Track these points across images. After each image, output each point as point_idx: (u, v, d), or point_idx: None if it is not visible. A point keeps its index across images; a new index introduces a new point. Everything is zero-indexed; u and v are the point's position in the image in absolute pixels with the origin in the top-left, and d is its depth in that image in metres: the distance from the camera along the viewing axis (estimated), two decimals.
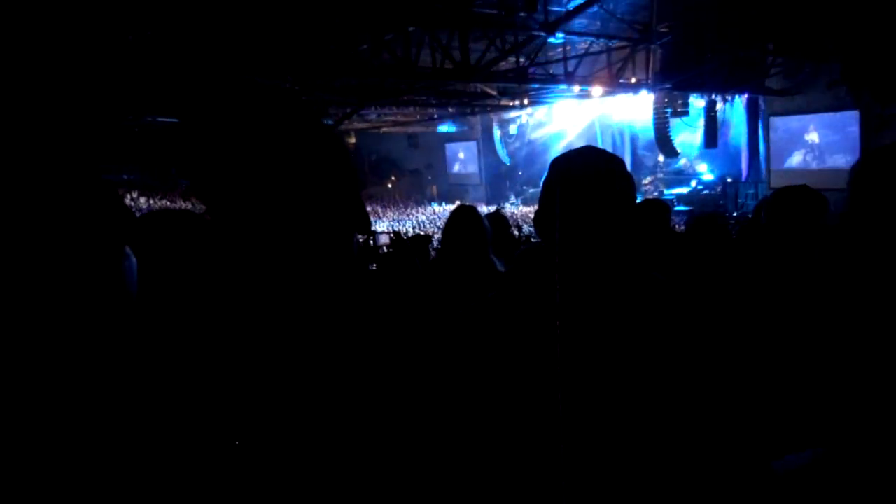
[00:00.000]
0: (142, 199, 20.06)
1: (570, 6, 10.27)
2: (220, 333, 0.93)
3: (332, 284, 0.97)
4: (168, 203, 20.26)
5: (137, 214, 1.38)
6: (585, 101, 16.90)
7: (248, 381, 0.90)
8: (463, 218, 3.17)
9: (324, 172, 0.96)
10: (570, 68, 13.12)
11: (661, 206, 3.74)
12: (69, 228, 0.93)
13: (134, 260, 1.03)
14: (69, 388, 0.89)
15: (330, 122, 14.94)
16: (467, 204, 3.40)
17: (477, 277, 3.02)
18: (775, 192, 2.51)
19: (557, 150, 14.57)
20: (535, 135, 23.10)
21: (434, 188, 26.92)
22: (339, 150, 0.99)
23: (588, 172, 1.34)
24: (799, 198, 2.34)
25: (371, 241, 6.55)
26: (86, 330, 0.92)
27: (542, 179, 1.40)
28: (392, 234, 6.02)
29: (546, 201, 1.38)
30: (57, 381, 0.89)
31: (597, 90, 13.88)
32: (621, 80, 13.67)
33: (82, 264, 0.92)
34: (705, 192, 17.56)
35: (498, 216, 4.66)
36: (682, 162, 18.87)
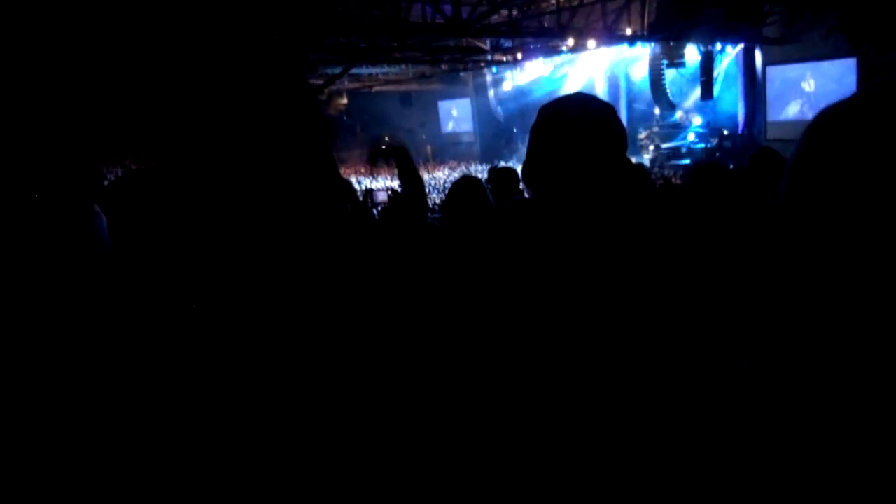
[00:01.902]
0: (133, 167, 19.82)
1: None
2: (196, 285, 0.92)
3: (303, 234, 0.96)
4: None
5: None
6: (582, 55, 16.63)
7: (228, 333, 0.90)
8: (465, 191, 3.13)
9: (291, 125, 0.94)
10: (564, 21, 12.87)
11: (637, 169, 3.71)
12: (40, 191, 0.94)
13: (104, 217, 1.07)
14: (50, 335, 0.89)
15: (319, 83, 14.70)
16: (470, 176, 3.35)
17: (481, 247, 3.02)
18: (761, 148, 2.61)
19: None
20: (530, 90, 22.80)
21: (429, 147, 26.70)
22: (307, 103, 0.97)
23: (578, 119, 1.28)
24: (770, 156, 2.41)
25: (369, 200, 6.49)
26: (61, 279, 0.93)
27: (531, 128, 1.34)
28: (390, 192, 5.96)
29: (535, 151, 1.32)
30: (38, 328, 0.89)
31: (591, 43, 13.64)
32: (616, 32, 13.43)
33: (55, 222, 0.94)
34: (702, 145, 17.44)
35: (508, 172, 4.57)
36: (679, 115, 18.67)
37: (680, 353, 1.22)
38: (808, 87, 15.65)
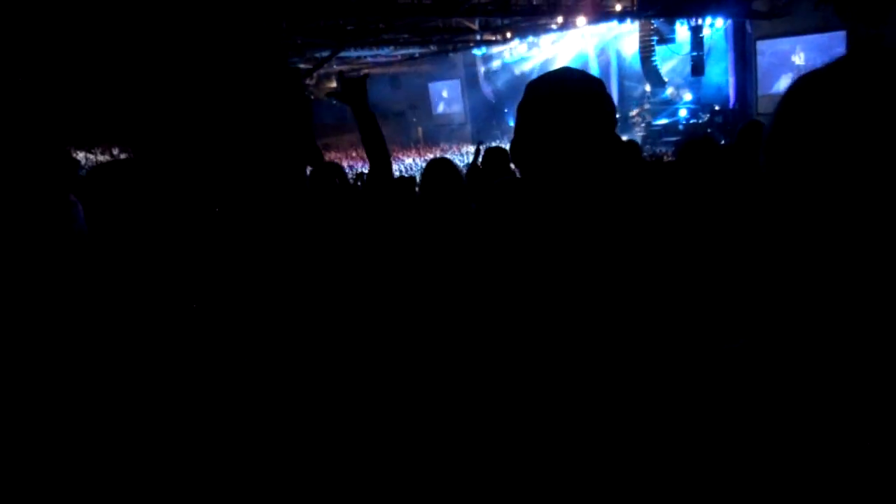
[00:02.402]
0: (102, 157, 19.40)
1: None
2: (178, 272, 0.93)
3: (282, 215, 0.96)
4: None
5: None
6: (572, 33, 16.51)
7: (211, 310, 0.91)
8: (438, 171, 3.13)
9: (273, 106, 0.94)
10: None
11: (629, 145, 3.72)
12: (13, 181, 0.94)
13: (80, 206, 1.09)
14: (25, 327, 0.90)
15: (308, 67, 14.54)
16: (442, 157, 3.35)
17: (457, 227, 3.02)
18: (750, 122, 2.59)
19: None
20: (520, 70, 22.64)
21: (420, 130, 26.52)
22: (291, 84, 0.97)
23: (565, 94, 1.24)
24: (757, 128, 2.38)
25: (358, 183, 6.47)
26: (37, 269, 0.94)
27: (517, 105, 1.30)
28: None
29: (523, 128, 1.29)
30: (13, 319, 0.90)
31: (581, 20, 13.54)
32: (606, 9, 13.34)
33: (32, 212, 0.94)
34: (693, 121, 17.40)
35: (498, 151, 4.56)
36: (669, 91, 18.60)
37: (671, 334, 1.22)
38: (798, 61, 15.62)
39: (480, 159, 4.82)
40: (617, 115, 1.31)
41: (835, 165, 0.61)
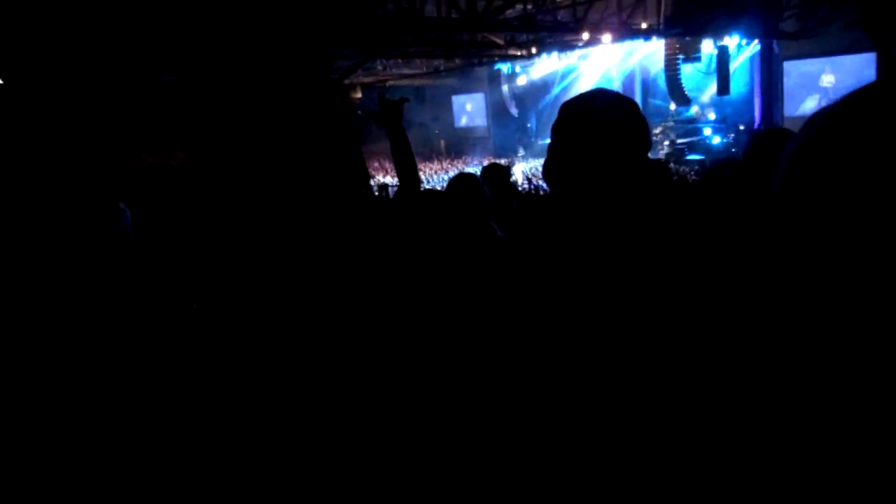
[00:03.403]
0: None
1: None
2: (223, 277, 0.95)
3: (334, 233, 0.98)
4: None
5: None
6: (597, 49, 16.52)
7: (250, 325, 0.93)
8: (462, 187, 3.13)
9: (326, 127, 0.96)
10: (579, 15, 12.80)
11: (658, 166, 3.69)
12: (69, 192, 0.96)
13: (128, 213, 1.11)
14: (76, 329, 0.92)
15: (334, 76, 14.71)
16: (466, 172, 3.35)
17: (476, 245, 3.01)
18: (755, 135, 2.46)
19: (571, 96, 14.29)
20: (545, 85, 22.68)
21: (442, 142, 26.64)
22: (342, 106, 0.99)
23: (601, 115, 1.27)
24: (776, 140, 2.26)
25: (384, 195, 6.50)
26: (87, 276, 0.96)
27: (552, 126, 1.32)
28: None
29: (557, 148, 1.31)
30: (63, 321, 0.92)
31: (607, 37, 13.56)
32: (632, 26, 13.34)
33: (82, 222, 0.96)
34: (717, 140, 17.28)
35: (492, 168, 4.52)
36: (694, 110, 18.51)
37: (687, 355, 1.22)
38: (826, 82, 15.47)
39: (510, 177, 4.80)
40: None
41: (857, 207, 0.58)
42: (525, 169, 17.53)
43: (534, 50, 16.68)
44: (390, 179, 17.53)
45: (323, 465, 0.95)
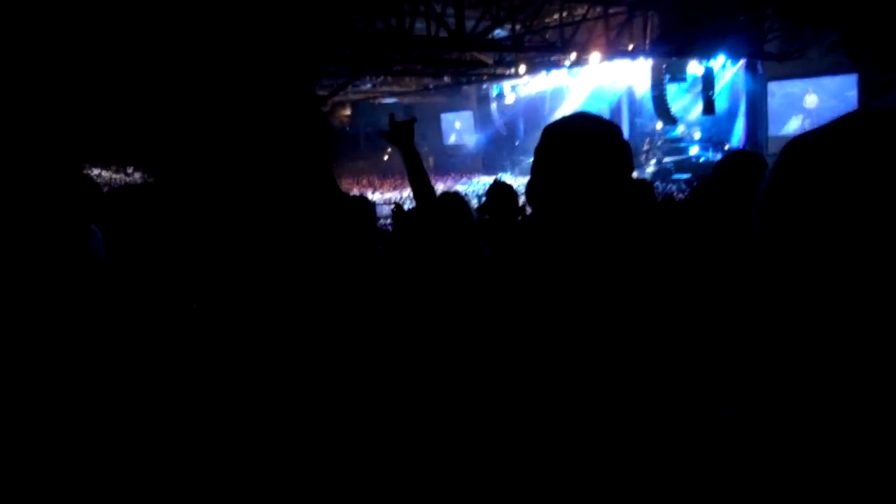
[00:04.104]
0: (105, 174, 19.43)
1: None
2: (193, 300, 0.92)
3: (299, 253, 0.96)
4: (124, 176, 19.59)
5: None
6: (585, 69, 16.70)
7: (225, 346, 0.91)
8: (447, 206, 3.12)
9: (296, 145, 0.94)
10: (567, 35, 12.95)
11: (643, 186, 3.71)
12: (37, 216, 0.94)
13: (100, 235, 1.07)
14: (45, 348, 0.89)
15: (324, 94, 14.75)
16: (451, 191, 3.35)
17: (463, 264, 2.99)
18: (724, 156, 2.50)
19: (555, 118, 14.42)
20: (532, 103, 22.87)
21: (431, 159, 26.75)
22: (316, 123, 0.97)
23: (583, 139, 1.28)
24: (743, 164, 2.29)
25: (397, 211, 6.39)
26: (58, 296, 0.94)
27: (535, 148, 1.33)
28: (394, 207, 5.92)
29: (539, 170, 1.32)
30: (34, 341, 0.89)
31: (594, 57, 13.71)
32: (619, 47, 13.50)
33: (52, 245, 0.94)
34: (703, 159, 17.46)
35: (502, 187, 4.51)
36: (680, 129, 18.71)
37: (666, 393, 1.21)
38: (809, 103, 15.71)
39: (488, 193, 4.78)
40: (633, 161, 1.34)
41: (833, 235, 0.60)
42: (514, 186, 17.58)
43: (522, 69, 16.83)
44: (379, 196, 17.55)
45: (314, 467, 0.93)
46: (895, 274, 0.57)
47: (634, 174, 1.43)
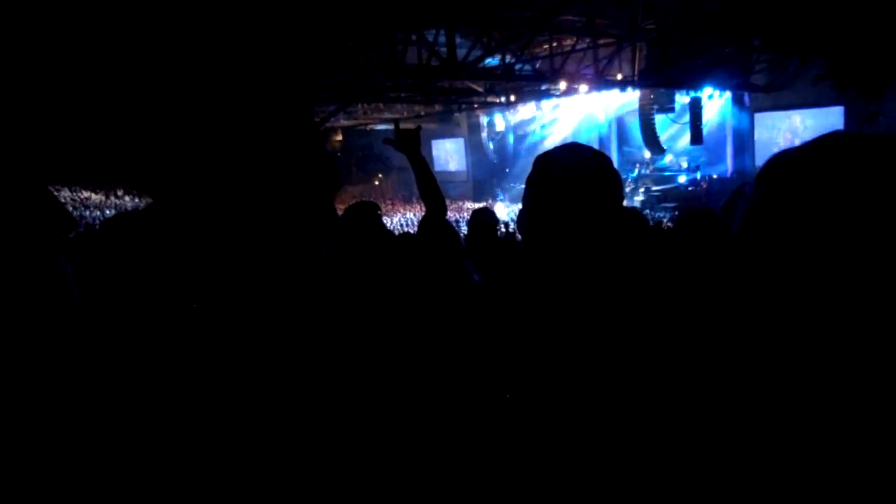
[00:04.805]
0: (94, 197, 19.45)
1: None
2: (191, 329, 0.90)
3: (298, 284, 0.94)
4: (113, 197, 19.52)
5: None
6: (573, 98, 16.92)
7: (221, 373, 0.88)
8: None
9: (299, 172, 0.93)
10: (557, 65, 13.13)
11: (634, 215, 3.74)
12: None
13: (69, 268, 1.03)
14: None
15: (316, 120, 14.83)
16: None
17: (451, 288, 2.97)
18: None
19: (545, 146, 14.68)
20: (523, 131, 23.10)
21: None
22: (317, 152, 0.96)
23: (574, 170, 1.29)
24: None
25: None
26: (23, 333, 0.91)
27: (526, 178, 1.35)
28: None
29: (531, 200, 1.33)
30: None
31: (583, 87, 13.90)
32: (607, 77, 13.70)
33: (11, 276, 0.91)
34: (690, 188, 17.65)
35: (484, 214, 4.53)
36: (668, 159, 18.94)
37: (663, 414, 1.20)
38: (795, 134, 15.96)
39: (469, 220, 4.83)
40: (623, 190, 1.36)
41: (812, 252, 0.62)
42: (504, 213, 17.68)
43: (512, 98, 17.04)
44: None
45: (314, 467, 0.91)
46: (873, 281, 0.59)
47: (625, 202, 1.44)
